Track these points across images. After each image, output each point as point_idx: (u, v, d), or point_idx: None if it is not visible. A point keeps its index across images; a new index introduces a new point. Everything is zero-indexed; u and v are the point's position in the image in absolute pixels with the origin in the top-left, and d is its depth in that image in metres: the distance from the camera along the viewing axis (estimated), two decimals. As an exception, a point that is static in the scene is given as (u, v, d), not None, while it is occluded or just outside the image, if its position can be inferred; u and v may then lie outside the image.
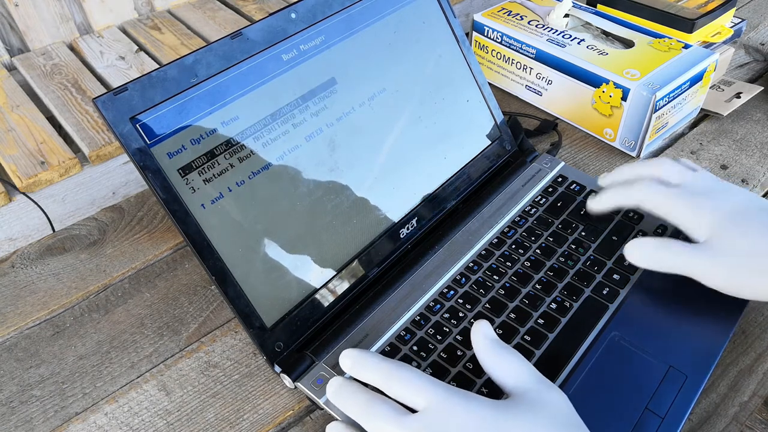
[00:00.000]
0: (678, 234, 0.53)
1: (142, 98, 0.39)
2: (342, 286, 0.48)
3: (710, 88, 0.72)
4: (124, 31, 0.91)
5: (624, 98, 0.61)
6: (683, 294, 0.48)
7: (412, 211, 0.53)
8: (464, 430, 0.35)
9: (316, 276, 0.47)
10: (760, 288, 0.43)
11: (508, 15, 0.72)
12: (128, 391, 0.46)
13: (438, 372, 0.44)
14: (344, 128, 0.48)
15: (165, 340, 0.49)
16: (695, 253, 0.45)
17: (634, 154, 0.64)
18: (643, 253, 0.47)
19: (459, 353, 0.45)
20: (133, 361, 0.48)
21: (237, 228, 0.43)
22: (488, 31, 0.72)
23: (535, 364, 0.44)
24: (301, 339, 0.46)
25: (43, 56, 0.84)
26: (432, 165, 0.54)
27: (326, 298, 0.47)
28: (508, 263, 0.51)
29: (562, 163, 0.60)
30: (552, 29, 0.69)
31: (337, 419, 0.42)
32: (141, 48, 0.87)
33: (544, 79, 0.68)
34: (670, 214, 0.47)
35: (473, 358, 0.44)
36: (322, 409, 0.43)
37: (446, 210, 0.55)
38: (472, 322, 0.46)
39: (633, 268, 0.50)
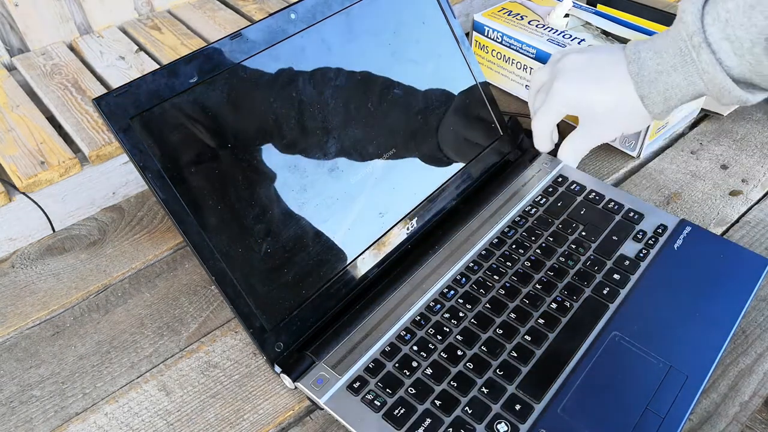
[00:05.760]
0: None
1: (142, 98, 0.39)
2: (342, 286, 0.48)
3: (710, 88, 0.71)
4: (124, 31, 0.91)
5: (624, 98, 0.61)
6: (683, 294, 0.48)
7: (412, 211, 0.53)
8: None
9: (316, 276, 0.47)
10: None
11: (508, 15, 0.72)
12: (128, 391, 0.46)
13: (438, 372, 0.44)
14: (344, 129, 0.48)
15: (165, 340, 0.49)
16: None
17: (634, 154, 0.64)
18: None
19: (459, 353, 0.45)
20: (133, 361, 0.48)
21: (237, 228, 0.43)
22: (488, 31, 0.71)
23: (535, 364, 0.44)
24: (302, 339, 0.46)
25: (43, 56, 0.84)
26: (432, 165, 0.54)
27: (326, 299, 0.47)
28: (509, 263, 0.51)
29: (562, 163, 0.60)
30: (552, 29, 0.69)
31: (339, 421, 0.42)
32: (141, 48, 0.86)
33: (544, 79, 0.68)
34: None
35: (474, 358, 0.44)
36: (322, 409, 0.43)
37: (446, 210, 0.55)
38: (473, 322, 0.47)
39: (633, 268, 0.50)
